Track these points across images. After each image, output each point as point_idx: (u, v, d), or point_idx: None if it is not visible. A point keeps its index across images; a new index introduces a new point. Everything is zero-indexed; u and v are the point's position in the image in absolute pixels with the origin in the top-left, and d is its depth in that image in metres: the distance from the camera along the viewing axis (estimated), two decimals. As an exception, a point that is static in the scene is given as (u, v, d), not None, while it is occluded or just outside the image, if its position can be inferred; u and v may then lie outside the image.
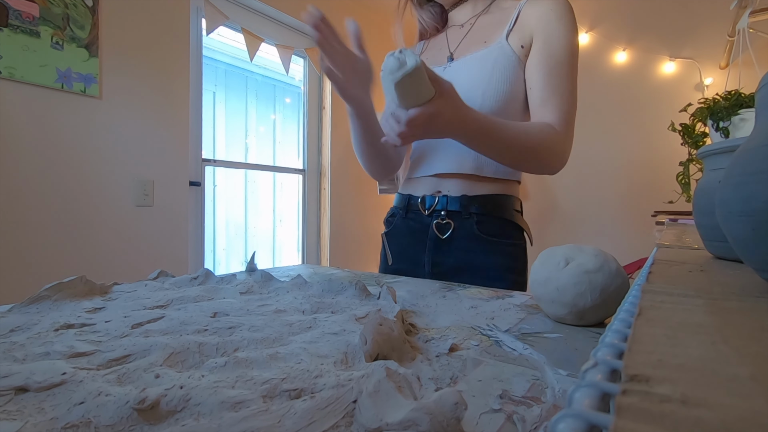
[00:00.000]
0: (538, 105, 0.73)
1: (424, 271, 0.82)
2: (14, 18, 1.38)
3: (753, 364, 0.12)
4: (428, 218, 0.82)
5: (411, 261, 0.84)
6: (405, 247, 0.86)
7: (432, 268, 0.81)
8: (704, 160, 0.45)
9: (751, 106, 0.74)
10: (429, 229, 0.81)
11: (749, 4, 1.87)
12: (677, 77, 2.62)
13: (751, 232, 0.23)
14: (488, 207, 0.78)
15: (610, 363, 0.14)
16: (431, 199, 0.82)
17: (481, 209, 0.78)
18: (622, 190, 2.78)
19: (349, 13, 2.76)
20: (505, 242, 0.79)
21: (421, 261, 0.82)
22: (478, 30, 0.83)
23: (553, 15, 0.73)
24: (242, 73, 2.41)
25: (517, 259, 0.80)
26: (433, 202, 0.81)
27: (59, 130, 1.51)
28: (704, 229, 0.41)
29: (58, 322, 0.36)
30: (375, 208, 2.96)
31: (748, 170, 0.23)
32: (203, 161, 2.06)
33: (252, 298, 0.47)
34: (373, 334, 0.30)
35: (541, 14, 0.74)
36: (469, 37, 0.83)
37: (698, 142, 0.86)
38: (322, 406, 0.21)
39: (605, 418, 0.11)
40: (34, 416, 0.21)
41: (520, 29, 0.76)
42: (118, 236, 1.68)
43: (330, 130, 2.70)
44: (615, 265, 0.42)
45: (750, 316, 0.18)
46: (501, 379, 0.29)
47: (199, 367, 0.28)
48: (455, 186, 0.80)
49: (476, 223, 0.78)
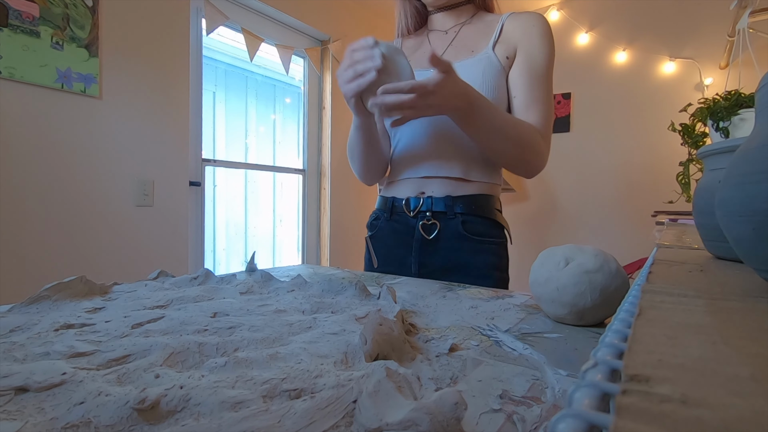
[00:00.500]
0: (522, 110, 0.78)
1: (410, 272, 0.82)
2: (14, 18, 1.38)
3: (753, 364, 0.12)
4: (413, 220, 0.83)
5: (397, 263, 0.85)
6: (390, 249, 0.86)
7: (419, 269, 0.82)
8: (704, 160, 0.45)
9: (751, 106, 0.74)
10: (415, 231, 0.82)
11: (749, 4, 1.87)
12: (677, 77, 2.62)
13: (751, 232, 0.23)
14: (472, 207, 0.80)
15: (610, 363, 0.14)
16: (416, 200, 0.83)
17: (466, 209, 0.80)
18: (622, 190, 2.78)
19: (349, 13, 2.76)
20: (489, 241, 0.80)
21: (408, 262, 0.83)
22: (463, 39, 0.85)
23: (535, 31, 0.78)
24: (242, 73, 2.41)
25: (501, 257, 0.82)
26: (417, 204, 0.82)
27: (59, 130, 1.51)
28: (704, 229, 0.41)
29: (58, 322, 0.36)
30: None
31: (749, 170, 0.23)
32: (203, 161, 2.06)
33: (252, 298, 0.47)
34: (373, 334, 0.30)
35: (524, 30, 0.79)
36: (455, 45, 0.85)
37: (698, 142, 0.86)
38: (322, 406, 0.21)
39: (605, 418, 0.11)
40: (34, 416, 0.21)
41: (505, 41, 0.80)
42: (118, 236, 1.68)
43: (330, 130, 2.70)
44: (615, 265, 0.42)
45: (750, 316, 0.18)
46: (501, 379, 0.29)
47: (199, 367, 0.28)
48: (439, 187, 0.81)
49: (461, 223, 0.79)
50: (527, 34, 0.78)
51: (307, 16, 2.47)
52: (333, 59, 2.66)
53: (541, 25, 0.79)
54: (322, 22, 2.58)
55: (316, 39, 2.67)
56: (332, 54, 2.65)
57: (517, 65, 0.79)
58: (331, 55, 2.65)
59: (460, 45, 0.84)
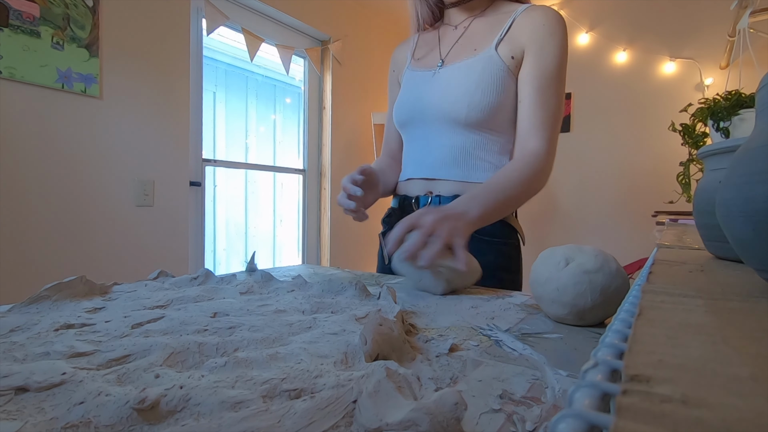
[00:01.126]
0: (526, 116, 0.76)
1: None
2: (15, 18, 1.38)
3: (753, 364, 0.12)
4: None
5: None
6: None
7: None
8: (705, 160, 0.45)
9: (751, 106, 0.74)
10: None
11: (750, 4, 1.87)
12: (677, 77, 2.62)
13: (751, 233, 0.23)
14: None
15: (610, 363, 0.14)
16: (425, 199, 0.84)
17: None
18: (623, 190, 2.78)
19: (349, 13, 2.76)
20: (498, 241, 0.80)
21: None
22: (470, 36, 0.83)
23: (545, 30, 0.75)
24: (242, 73, 2.41)
25: (512, 259, 0.81)
26: (426, 202, 0.84)
27: (60, 130, 1.51)
28: (705, 230, 0.41)
29: (58, 322, 0.36)
30: (375, 208, 2.95)
31: (749, 171, 0.23)
32: (203, 161, 2.06)
33: (252, 298, 0.47)
34: (373, 335, 0.30)
35: (534, 28, 0.75)
36: (461, 43, 0.84)
37: (698, 143, 0.86)
38: (322, 406, 0.21)
39: (606, 419, 0.11)
40: (34, 416, 0.21)
41: (511, 40, 0.77)
42: (118, 236, 1.68)
43: (330, 130, 2.70)
44: (615, 266, 0.42)
45: (750, 316, 0.18)
46: (501, 379, 0.29)
47: (199, 367, 0.28)
48: (446, 187, 0.82)
49: None
50: (536, 34, 0.75)
51: (307, 17, 2.47)
52: (333, 59, 2.66)
53: (552, 24, 0.75)
54: (323, 23, 2.58)
55: (317, 39, 2.67)
56: (333, 54, 2.64)
57: (525, 67, 0.76)
58: (332, 56, 2.65)
59: (466, 42, 0.83)
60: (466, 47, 0.82)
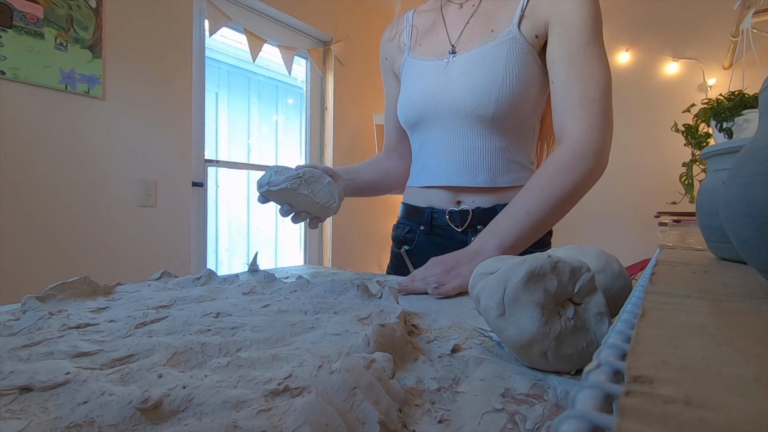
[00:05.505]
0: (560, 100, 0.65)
1: None
2: (19, 19, 1.39)
3: (757, 365, 0.12)
4: (462, 234, 0.76)
5: None
6: None
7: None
8: (708, 160, 0.45)
9: (754, 106, 0.74)
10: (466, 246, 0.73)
11: (753, 4, 1.87)
12: (680, 78, 2.62)
13: (755, 233, 0.23)
14: None
15: (613, 364, 0.14)
16: (461, 213, 0.74)
17: None
18: (625, 191, 2.77)
19: (351, 13, 2.76)
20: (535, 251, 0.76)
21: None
22: (483, 14, 0.73)
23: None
24: (245, 73, 2.42)
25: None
26: (463, 217, 0.74)
27: (63, 130, 1.52)
28: (708, 230, 0.41)
29: (62, 322, 0.36)
30: (377, 209, 2.96)
31: (753, 171, 0.23)
32: (206, 162, 2.07)
33: (254, 298, 0.48)
34: (375, 336, 0.30)
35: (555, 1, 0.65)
36: (473, 24, 0.73)
37: (701, 143, 0.86)
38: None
39: (608, 420, 0.11)
40: (37, 415, 0.21)
41: (533, 14, 0.67)
42: (121, 237, 1.68)
43: (332, 131, 2.71)
44: (617, 266, 0.42)
45: (754, 317, 0.18)
46: (503, 377, 0.29)
47: (201, 367, 0.28)
48: (477, 198, 0.74)
49: None
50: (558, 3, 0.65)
51: (309, 17, 2.48)
52: (335, 60, 2.67)
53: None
54: (325, 23, 2.59)
55: (319, 40, 2.68)
56: (335, 55, 2.65)
57: (552, 43, 0.66)
58: (334, 56, 2.65)
59: (479, 22, 0.72)
60: (481, 28, 0.71)
